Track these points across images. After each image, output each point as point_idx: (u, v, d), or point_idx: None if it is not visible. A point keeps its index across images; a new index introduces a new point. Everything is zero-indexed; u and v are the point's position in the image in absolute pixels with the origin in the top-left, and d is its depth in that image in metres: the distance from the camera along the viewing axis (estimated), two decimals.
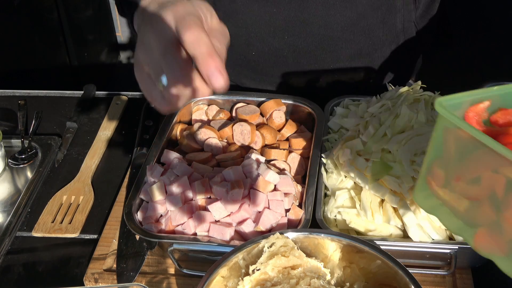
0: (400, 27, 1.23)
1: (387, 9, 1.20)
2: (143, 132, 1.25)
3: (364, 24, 1.21)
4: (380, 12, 1.20)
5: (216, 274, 0.81)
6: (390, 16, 1.21)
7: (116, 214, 1.10)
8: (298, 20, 1.20)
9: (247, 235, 0.96)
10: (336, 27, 1.20)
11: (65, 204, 1.14)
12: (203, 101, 1.23)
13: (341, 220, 0.99)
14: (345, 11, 1.18)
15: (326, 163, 1.05)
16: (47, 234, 1.08)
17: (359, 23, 1.21)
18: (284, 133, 1.18)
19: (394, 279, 0.81)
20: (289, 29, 1.21)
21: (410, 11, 1.22)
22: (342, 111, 1.18)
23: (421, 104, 1.00)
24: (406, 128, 0.98)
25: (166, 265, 1.01)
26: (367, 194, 0.97)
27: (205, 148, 1.14)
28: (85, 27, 2.99)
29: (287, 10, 1.19)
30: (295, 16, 1.19)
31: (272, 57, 1.27)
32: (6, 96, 1.45)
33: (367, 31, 1.22)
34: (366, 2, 1.18)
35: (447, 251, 0.91)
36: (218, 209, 0.97)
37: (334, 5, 1.17)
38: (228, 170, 1.02)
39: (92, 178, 1.20)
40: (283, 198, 0.99)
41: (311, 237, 0.87)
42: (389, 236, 0.95)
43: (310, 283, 0.82)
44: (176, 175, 1.04)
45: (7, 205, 1.16)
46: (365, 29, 1.22)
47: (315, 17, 1.19)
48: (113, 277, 0.99)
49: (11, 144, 1.29)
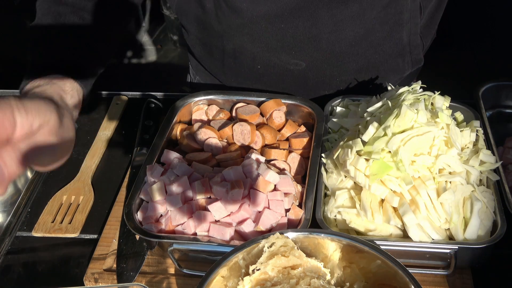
0: (406, 40, 1.23)
1: (394, 23, 1.20)
2: (143, 132, 1.25)
3: (372, 39, 1.20)
4: (388, 26, 1.20)
5: (216, 274, 0.81)
6: (397, 30, 1.21)
7: (116, 214, 1.10)
8: (307, 36, 1.18)
9: (247, 235, 0.96)
10: (345, 42, 1.19)
11: (65, 204, 1.14)
12: (203, 101, 1.23)
13: (341, 220, 0.99)
14: (354, 27, 1.17)
15: (326, 163, 1.05)
16: (47, 234, 1.08)
17: (367, 38, 1.20)
18: (284, 133, 1.18)
19: (394, 279, 0.81)
20: (297, 45, 1.20)
21: (416, 24, 1.22)
22: (342, 111, 1.18)
23: (421, 104, 1.00)
24: (406, 128, 0.98)
25: (166, 265, 1.01)
26: (367, 194, 0.97)
27: (205, 148, 1.14)
28: None
29: (295, 26, 1.17)
30: (304, 32, 1.18)
31: (278, 70, 1.25)
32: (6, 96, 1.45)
33: (374, 45, 1.22)
34: (374, 17, 1.17)
35: (447, 251, 0.91)
36: (218, 209, 0.97)
37: (343, 21, 1.16)
38: (228, 170, 1.02)
39: (92, 178, 1.20)
40: (283, 198, 0.99)
41: (311, 237, 0.87)
42: (389, 236, 0.95)
43: (310, 283, 0.82)
44: (176, 175, 1.04)
45: (7, 205, 1.16)
46: (373, 43, 1.21)
47: (324, 33, 1.18)
48: (113, 277, 0.99)
49: None
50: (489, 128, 1.12)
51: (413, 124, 0.98)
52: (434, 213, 0.94)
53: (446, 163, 0.97)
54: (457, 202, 0.95)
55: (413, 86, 1.09)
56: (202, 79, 1.44)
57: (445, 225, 0.94)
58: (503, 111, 1.29)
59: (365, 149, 0.98)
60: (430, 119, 1.00)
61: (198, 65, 1.42)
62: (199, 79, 1.46)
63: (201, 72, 1.43)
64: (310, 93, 1.30)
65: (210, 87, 1.40)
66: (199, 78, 1.45)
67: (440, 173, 0.97)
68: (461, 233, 0.94)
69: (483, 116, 1.15)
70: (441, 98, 1.07)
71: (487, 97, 1.22)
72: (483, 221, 0.95)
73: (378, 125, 0.99)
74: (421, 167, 0.96)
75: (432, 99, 1.06)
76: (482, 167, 1.02)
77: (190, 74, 1.52)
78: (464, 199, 0.96)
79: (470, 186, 0.97)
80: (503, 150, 1.15)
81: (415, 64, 1.30)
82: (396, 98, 1.07)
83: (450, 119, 1.01)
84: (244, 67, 1.28)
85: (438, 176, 0.96)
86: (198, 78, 1.46)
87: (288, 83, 1.28)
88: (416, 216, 0.93)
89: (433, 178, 0.95)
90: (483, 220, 0.95)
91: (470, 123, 1.10)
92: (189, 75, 1.53)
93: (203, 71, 1.42)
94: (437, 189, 0.95)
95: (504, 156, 1.13)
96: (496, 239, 0.91)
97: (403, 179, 0.95)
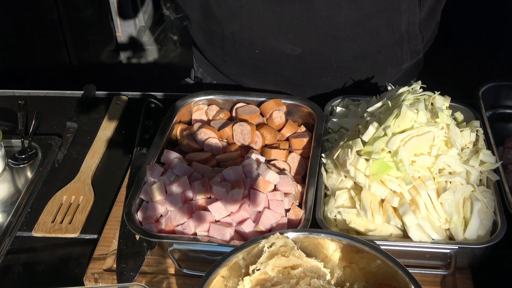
0: (404, 28, 1.24)
1: (392, 11, 1.21)
2: (143, 132, 1.25)
3: (370, 25, 1.21)
4: (386, 13, 1.21)
5: (216, 274, 0.81)
6: (395, 17, 1.22)
7: (116, 214, 1.10)
8: (304, 19, 1.20)
9: (247, 235, 0.96)
10: (341, 27, 1.20)
11: (65, 204, 1.14)
12: (203, 101, 1.23)
13: (341, 220, 0.99)
14: (350, 12, 1.18)
15: (326, 163, 1.05)
16: (47, 234, 1.08)
17: (365, 24, 1.21)
18: (284, 133, 1.18)
19: (394, 279, 0.81)
20: (294, 28, 1.21)
21: (415, 13, 1.23)
22: (342, 111, 1.18)
23: (421, 104, 1.00)
24: (406, 128, 0.98)
25: (166, 265, 1.01)
26: (367, 194, 0.97)
27: (205, 148, 1.14)
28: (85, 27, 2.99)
29: (292, 10, 1.19)
30: (300, 15, 1.19)
31: (276, 55, 1.27)
32: (6, 96, 1.45)
33: (372, 32, 1.23)
34: (371, 4, 1.18)
35: (447, 251, 0.91)
36: (218, 209, 0.97)
37: (339, 5, 1.18)
38: (228, 170, 1.02)
39: (92, 178, 1.20)
40: (283, 198, 0.99)
41: (311, 237, 0.87)
42: (389, 236, 0.95)
43: (310, 283, 0.82)
44: (176, 175, 1.04)
45: (7, 205, 1.16)
46: (371, 29, 1.22)
47: (321, 17, 1.19)
48: (113, 277, 0.99)
49: (11, 144, 1.29)
50: (489, 128, 1.12)
51: (413, 124, 0.98)
52: (434, 213, 0.94)
53: (446, 163, 0.97)
54: (457, 202, 0.95)
55: (413, 86, 1.09)
56: (205, 71, 1.46)
57: (445, 225, 0.94)
58: (503, 111, 1.29)
59: (365, 149, 0.98)
60: (430, 119, 1.00)
61: (201, 56, 1.44)
62: (202, 71, 1.47)
63: (204, 64, 1.45)
64: (308, 79, 1.31)
65: (212, 75, 1.42)
66: (202, 70, 1.47)
67: (440, 173, 0.97)
68: (461, 233, 0.94)
69: (483, 116, 1.15)
70: (441, 98, 1.07)
71: (487, 97, 1.22)
72: (483, 221, 0.95)
73: (378, 125, 0.99)
74: (421, 167, 0.96)
75: (432, 99, 1.06)
76: (482, 167, 1.02)
77: (194, 68, 1.54)
78: (464, 199, 0.96)
79: (470, 186, 0.97)
80: (503, 150, 1.15)
81: (413, 55, 1.30)
82: (396, 98, 1.07)
83: (450, 119, 1.01)
84: (243, 52, 1.29)
85: (438, 176, 0.96)
86: (201, 71, 1.47)
87: (286, 68, 1.29)
88: (416, 216, 0.93)
89: (433, 178, 0.95)
90: (483, 220, 0.95)
91: (470, 123, 1.10)
92: (193, 69, 1.54)
93: (205, 62, 1.43)
94: (437, 189, 0.95)
95: (504, 156, 1.13)
96: (496, 239, 0.92)
97: (403, 179, 0.95)
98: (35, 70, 2.62)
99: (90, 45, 3.07)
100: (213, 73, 1.44)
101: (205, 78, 1.47)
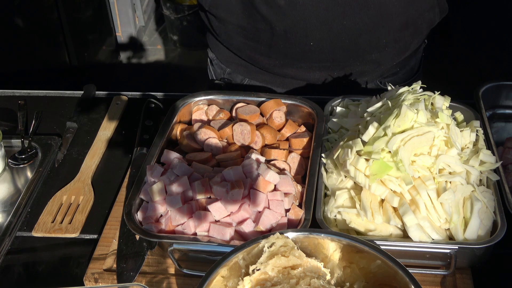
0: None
1: None
2: (143, 132, 1.25)
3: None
4: None
5: (216, 274, 0.81)
6: None
7: (116, 214, 1.10)
8: (355, 2, 1.21)
9: (247, 235, 0.96)
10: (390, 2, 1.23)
11: (65, 204, 1.14)
12: (203, 101, 1.23)
13: (341, 220, 0.99)
14: None
15: (326, 163, 1.05)
16: (47, 234, 1.08)
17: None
18: (284, 133, 1.18)
19: (394, 279, 0.81)
20: (347, 12, 1.23)
21: None
22: (342, 111, 1.18)
23: (421, 104, 1.00)
24: (406, 128, 0.98)
25: (166, 265, 1.01)
26: (367, 194, 0.97)
27: (205, 148, 1.14)
28: (85, 27, 2.99)
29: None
30: None
31: (329, 42, 1.28)
32: (6, 96, 1.45)
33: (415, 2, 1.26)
34: None
35: (447, 251, 0.91)
36: (218, 209, 0.97)
37: None
38: (228, 170, 1.02)
39: (92, 178, 1.20)
40: (283, 198, 0.99)
41: (311, 237, 0.87)
42: (389, 236, 0.95)
43: (310, 283, 0.82)
44: (176, 175, 1.04)
45: (7, 205, 1.16)
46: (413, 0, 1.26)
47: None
48: (113, 277, 0.99)
49: (11, 144, 1.29)
50: (489, 128, 1.12)
51: (413, 124, 0.98)
52: (434, 213, 0.94)
53: (446, 163, 0.97)
54: (457, 202, 0.95)
55: (413, 86, 1.09)
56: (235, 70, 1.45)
57: (445, 225, 0.94)
58: (503, 111, 1.29)
59: (365, 149, 0.98)
60: (430, 119, 1.00)
61: (231, 56, 1.42)
62: (230, 71, 1.46)
63: (234, 63, 1.44)
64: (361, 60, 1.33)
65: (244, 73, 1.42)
66: (231, 70, 1.46)
67: (440, 173, 0.97)
68: (461, 233, 0.94)
69: (483, 116, 1.15)
70: (441, 98, 1.07)
71: (487, 97, 1.22)
72: (483, 221, 0.95)
73: (378, 125, 0.99)
74: (421, 167, 0.96)
75: (432, 99, 1.06)
76: (482, 167, 1.02)
77: (210, 70, 1.52)
78: (464, 199, 0.97)
79: (470, 186, 0.97)
80: (503, 150, 1.15)
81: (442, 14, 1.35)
82: (396, 98, 1.07)
83: (450, 119, 1.01)
84: (295, 47, 1.30)
85: (438, 176, 0.96)
86: (228, 71, 1.46)
87: (340, 54, 1.31)
88: (416, 216, 0.93)
89: (433, 178, 0.95)
90: (483, 220, 0.95)
91: (470, 123, 1.10)
92: (210, 71, 1.53)
93: (236, 61, 1.43)
94: (437, 189, 0.95)
95: (504, 156, 1.13)
96: (496, 239, 0.92)
97: (403, 179, 0.95)
98: (35, 70, 2.62)
99: (90, 45, 3.07)
100: (245, 71, 1.43)
101: (233, 78, 1.47)
